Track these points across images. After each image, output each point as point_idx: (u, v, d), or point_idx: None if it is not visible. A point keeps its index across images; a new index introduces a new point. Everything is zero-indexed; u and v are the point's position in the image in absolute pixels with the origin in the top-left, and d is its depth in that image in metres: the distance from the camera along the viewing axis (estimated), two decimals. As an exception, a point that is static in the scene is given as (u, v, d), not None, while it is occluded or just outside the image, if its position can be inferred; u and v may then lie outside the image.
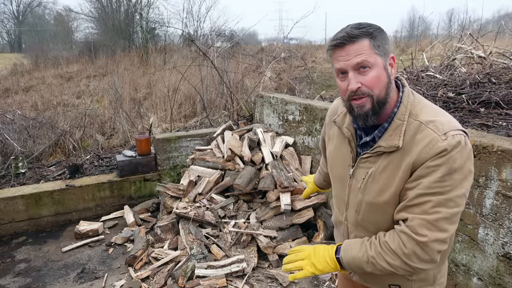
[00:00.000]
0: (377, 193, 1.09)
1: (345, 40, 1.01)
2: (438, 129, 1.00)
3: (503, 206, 1.92)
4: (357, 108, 1.05)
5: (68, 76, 12.62)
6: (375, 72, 1.01)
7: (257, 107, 4.57)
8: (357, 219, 1.18)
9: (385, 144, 1.06)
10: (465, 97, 3.16)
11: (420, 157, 0.99)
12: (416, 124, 1.03)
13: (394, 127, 1.05)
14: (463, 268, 2.20)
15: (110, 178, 4.12)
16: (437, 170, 0.97)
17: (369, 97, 1.02)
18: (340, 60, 1.03)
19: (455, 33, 6.59)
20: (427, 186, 0.98)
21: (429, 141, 0.99)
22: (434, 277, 1.19)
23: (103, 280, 2.87)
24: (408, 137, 1.03)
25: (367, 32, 1.01)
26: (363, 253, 1.08)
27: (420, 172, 1.00)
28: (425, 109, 1.06)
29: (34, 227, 3.75)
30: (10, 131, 5.10)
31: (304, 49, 13.63)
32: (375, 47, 1.01)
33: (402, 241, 1.02)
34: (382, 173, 1.08)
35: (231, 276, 2.70)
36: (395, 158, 1.05)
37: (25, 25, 36.00)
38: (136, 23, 19.14)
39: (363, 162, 1.12)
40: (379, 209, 1.10)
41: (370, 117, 1.05)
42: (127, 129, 5.99)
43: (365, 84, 1.01)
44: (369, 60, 1.00)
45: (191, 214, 3.16)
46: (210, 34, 10.93)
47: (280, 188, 3.21)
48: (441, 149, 0.96)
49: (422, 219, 0.99)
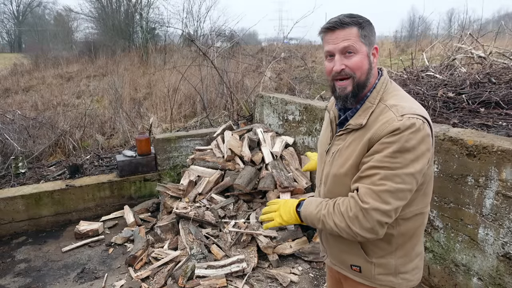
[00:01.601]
0: (340, 165, 1.21)
1: (336, 25, 1.14)
2: (398, 111, 1.10)
3: (503, 206, 1.92)
4: (339, 90, 1.18)
5: (68, 76, 12.61)
6: (359, 58, 1.14)
7: (257, 107, 4.57)
8: (325, 191, 1.30)
9: (353, 122, 1.19)
10: (465, 97, 3.16)
11: (376, 134, 1.10)
12: (382, 107, 1.15)
13: (364, 109, 1.18)
14: (463, 268, 2.20)
15: (110, 178, 4.12)
16: (390, 147, 1.07)
17: (351, 79, 1.15)
18: (330, 43, 1.16)
19: (455, 33, 6.59)
20: (378, 160, 1.08)
21: (387, 120, 1.10)
22: (396, 268, 1.24)
23: (103, 280, 2.87)
24: (373, 118, 1.15)
25: (356, 22, 1.14)
26: (318, 211, 1.20)
27: (375, 148, 1.10)
28: (395, 97, 1.18)
29: (34, 227, 3.74)
30: (10, 131, 5.09)
31: (304, 49, 13.63)
32: (362, 36, 1.14)
33: (350, 205, 1.12)
34: (347, 148, 1.20)
35: (231, 276, 2.70)
36: (358, 135, 1.17)
37: (25, 25, 36.00)
38: (136, 23, 19.13)
39: (337, 139, 1.26)
40: (340, 181, 1.22)
41: (350, 99, 1.18)
42: (127, 129, 5.99)
43: (349, 66, 1.14)
44: (355, 46, 1.13)
45: (191, 214, 3.16)
46: (210, 34, 10.93)
47: (280, 188, 3.21)
48: (395, 127, 1.06)
49: (369, 188, 1.09)
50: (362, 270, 1.27)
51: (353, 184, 1.16)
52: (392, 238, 1.21)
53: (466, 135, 2.13)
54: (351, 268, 1.30)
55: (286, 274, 2.76)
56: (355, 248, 1.25)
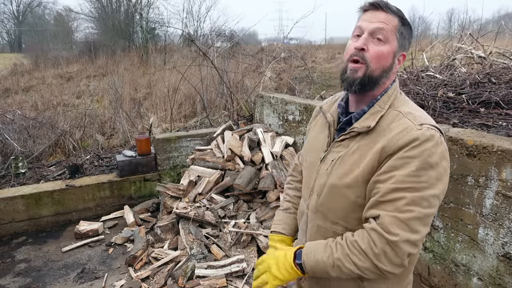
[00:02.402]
0: (342, 175, 1.06)
1: (382, 6, 1.03)
2: (416, 119, 0.99)
3: (503, 206, 1.92)
4: (350, 71, 1.04)
5: (68, 76, 12.61)
6: (385, 49, 1.02)
7: (257, 107, 4.57)
8: (317, 204, 1.14)
9: (359, 125, 1.05)
10: (465, 97, 3.16)
11: (392, 143, 0.96)
12: (395, 113, 1.03)
13: (372, 112, 1.06)
14: (463, 268, 2.20)
15: (110, 178, 4.12)
16: (411, 162, 0.93)
17: (364, 65, 1.02)
18: (365, 20, 1.04)
19: (455, 33, 6.59)
20: (400, 180, 0.93)
21: (404, 128, 0.97)
22: None
23: (103, 280, 2.87)
24: (385, 123, 1.02)
25: (401, 15, 1.04)
26: (328, 255, 1.01)
27: (392, 163, 0.95)
28: (407, 104, 1.07)
29: (34, 227, 3.75)
30: (10, 131, 5.09)
31: (304, 49, 13.63)
32: (399, 32, 1.03)
33: (373, 240, 0.95)
34: (351, 155, 1.05)
35: (231, 276, 2.70)
36: (366, 141, 1.03)
37: (25, 25, 36.00)
38: (136, 23, 19.14)
39: (336, 146, 1.11)
40: (339, 192, 1.06)
41: (356, 85, 1.04)
42: (127, 129, 5.99)
43: (370, 52, 1.02)
44: (388, 35, 1.01)
45: (191, 214, 3.16)
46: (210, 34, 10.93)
47: (280, 188, 3.21)
48: (414, 137, 0.94)
49: (394, 217, 0.92)
50: None
51: (369, 211, 0.98)
52: None
53: (466, 135, 2.13)
54: None
55: (286, 274, 2.76)
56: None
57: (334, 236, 1.09)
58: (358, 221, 1.05)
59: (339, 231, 1.09)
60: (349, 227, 1.07)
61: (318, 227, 1.15)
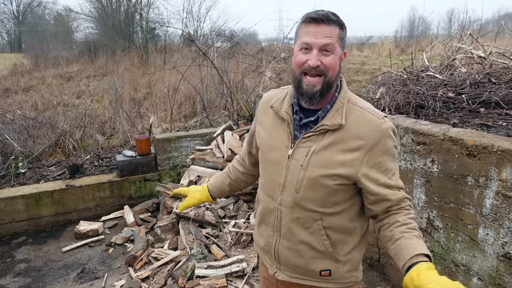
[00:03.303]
0: (320, 167, 1.15)
1: (324, 19, 1.11)
2: (376, 113, 1.18)
3: (503, 206, 1.92)
4: (307, 86, 1.14)
5: (68, 76, 12.60)
6: (334, 58, 1.13)
7: (257, 107, 4.57)
8: (295, 198, 1.20)
9: (329, 122, 1.15)
10: (465, 97, 3.16)
11: (368, 138, 1.13)
12: (356, 109, 1.18)
13: (336, 108, 1.17)
14: (463, 268, 2.20)
15: (110, 178, 4.12)
16: (392, 150, 1.17)
17: (322, 77, 1.13)
18: (310, 35, 1.11)
19: (455, 33, 6.59)
20: (391, 167, 1.17)
21: (374, 124, 1.15)
22: (358, 261, 1.29)
23: (103, 280, 2.87)
24: (351, 119, 1.16)
25: (341, 23, 1.14)
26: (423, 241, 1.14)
27: (382, 159, 1.15)
28: (358, 99, 1.23)
29: (34, 227, 3.75)
30: (10, 131, 5.09)
31: (304, 49, 13.58)
32: (341, 38, 1.14)
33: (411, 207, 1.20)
34: (326, 149, 1.16)
35: (231, 276, 2.70)
36: (339, 136, 1.15)
37: (25, 25, 35.99)
38: (136, 23, 19.12)
39: (304, 141, 1.19)
40: (319, 183, 1.16)
41: (316, 97, 1.14)
42: (127, 129, 5.99)
43: (324, 63, 1.12)
44: (334, 46, 1.12)
45: (191, 214, 3.16)
46: (210, 34, 10.93)
47: (280, 188, 3.21)
48: (384, 129, 1.14)
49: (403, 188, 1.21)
50: (332, 272, 1.25)
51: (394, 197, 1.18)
52: (356, 230, 1.25)
53: (466, 135, 2.13)
54: (319, 275, 1.25)
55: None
56: (326, 252, 1.22)
57: (312, 224, 1.21)
58: (332, 204, 1.19)
59: (317, 217, 1.20)
60: (325, 211, 1.20)
61: (296, 220, 1.22)
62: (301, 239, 1.23)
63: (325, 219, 1.20)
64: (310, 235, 1.22)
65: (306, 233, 1.22)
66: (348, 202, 1.21)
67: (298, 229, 1.23)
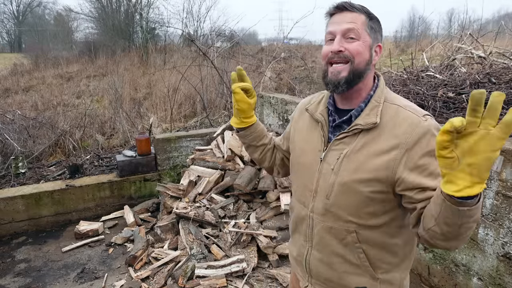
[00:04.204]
0: (352, 172, 1.06)
1: (347, 6, 1.06)
2: (416, 111, 1.05)
3: (503, 206, 1.92)
4: (331, 74, 1.07)
5: (68, 76, 12.60)
6: (361, 45, 1.05)
7: (257, 107, 4.57)
8: (326, 205, 1.12)
9: (362, 122, 1.07)
10: (465, 97, 3.16)
11: (406, 138, 1.01)
12: (394, 107, 1.07)
13: (371, 107, 1.08)
14: (463, 268, 2.20)
15: (110, 178, 4.12)
16: (433, 153, 0.97)
17: (348, 64, 1.05)
18: (333, 24, 1.07)
19: (455, 33, 6.59)
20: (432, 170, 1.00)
21: (411, 122, 1.02)
22: (400, 282, 1.17)
23: (103, 280, 2.87)
24: (387, 118, 1.06)
25: (367, 11, 1.08)
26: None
27: (424, 161, 0.99)
28: (398, 98, 1.12)
29: (34, 227, 3.75)
30: (10, 131, 5.09)
31: (304, 49, 13.63)
32: (369, 27, 1.07)
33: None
34: (358, 152, 1.06)
35: (231, 276, 2.70)
36: (373, 136, 1.06)
37: (25, 25, 35.99)
38: (136, 23, 19.12)
39: (337, 144, 1.11)
40: (351, 189, 1.07)
41: (342, 85, 1.06)
42: (127, 129, 5.99)
43: (348, 49, 1.04)
44: (359, 32, 1.04)
45: (191, 214, 3.16)
46: (210, 34, 10.93)
47: (280, 188, 3.21)
48: (426, 129, 1.01)
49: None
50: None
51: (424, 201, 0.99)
52: (397, 248, 1.12)
53: (466, 135, 2.13)
54: None
55: (286, 274, 2.76)
56: (362, 267, 1.13)
57: (346, 235, 1.11)
58: (369, 216, 1.08)
59: (351, 228, 1.10)
60: (361, 222, 1.09)
61: (329, 229, 1.14)
62: (334, 251, 1.15)
63: (360, 232, 1.10)
64: (344, 247, 1.13)
65: (340, 244, 1.13)
66: (387, 216, 1.09)
67: (331, 240, 1.14)
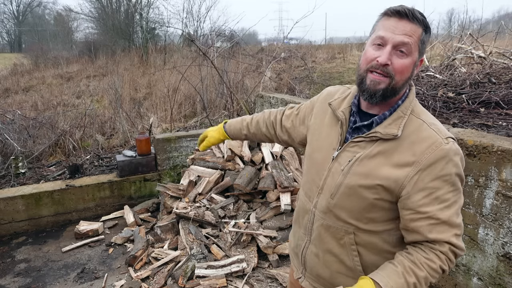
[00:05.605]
0: (361, 176, 1.05)
1: (409, 14, 0.97)
2: (440, 131, 1.01)
3: (503, 206, 1.92)
4: (370, 82, 1.02)
5: (68, 76, 12.61)
6: (408, 62, 1.00)
7: (257, 107, 4.57)
8: (329, 204, 1.12)
9: (383, 131, 1.03)
10: (465, 97, 3.16)
11: (423, 157, 0.98)
12: (418, 122, 1.03)
13: (395, 118, 1.04)
14: (463, 268, 2.20)
15: (110, 178, 4.12)
16: (449, 180, 0.97)
17: (389, 79, 1.00)
18: (389, 30, 0.99)
19: (455, 33, 6.59)
20: (445, 199, 0.98)
21: (432, 142, 0.98)
22: None
23: (103, 280, 2.87)
24: (408, 131, 1.02)
25: (426, 24, 1.00)
26: (404, 280, 0.98)
27: (432, 184, 0.97)
28: (425, 113, 1.08)
29: (34, 227, 3.74)
30: (10, 131, 5.09)
31: (304, 49, 13.62)
32: (421, 41, 1.00)
33: (450, 259, 1.00)
34: (371, 159, 1.04)
35: (231, 276, 2.70)
36: (390, 147, 1.03)
37: (25, 25, 36.01)
38: (136, 23, 19.12)
39: (352, 146, 1.09)
40: (357, 193, 1.06)
41: (377, 97, 1.02)
42: (127, 129, 5.99)
43: (394, 66, 0.99)
44: (412, 48, 0.98)
45: (191, 214, 3.16)
46: (210, 34, 10.92)
47: (280, 188, 3.21)
48: (445, 152, 0.97)
49: (456, 235, 0.99)
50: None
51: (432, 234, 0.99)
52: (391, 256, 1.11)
53: (466, 135, 2.13)
54: None
55: (286, 274, 2.76)
56: (354, 269, 1.13)
57: (344, 236, 1.11)
58: (369, 221, 1.08)
59: (350, 229, 1.10)
60: (360, 226, 1.09)
61: (327, 227, 1.14)
62: (330, 249, 1.15)
63: (359, 234, 1.10)
64: (341, 248, 1.13)
65: (337, 244, 1.13)
66: (390, 224, 1.08)
67: (328, 238, 1.15)
